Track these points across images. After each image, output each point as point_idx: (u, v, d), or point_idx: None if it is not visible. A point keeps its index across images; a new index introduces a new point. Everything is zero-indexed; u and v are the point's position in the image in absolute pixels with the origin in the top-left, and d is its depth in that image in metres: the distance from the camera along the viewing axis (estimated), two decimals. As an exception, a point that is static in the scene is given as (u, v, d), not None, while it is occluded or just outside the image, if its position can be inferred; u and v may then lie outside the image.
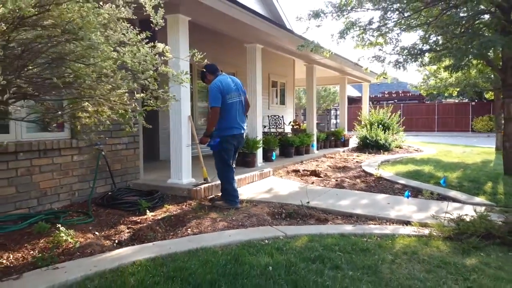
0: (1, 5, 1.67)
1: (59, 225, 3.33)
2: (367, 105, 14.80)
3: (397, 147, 12.25)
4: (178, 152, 5.14)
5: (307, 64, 9.89)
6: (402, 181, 6.33)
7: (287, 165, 7.74)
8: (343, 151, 10.98)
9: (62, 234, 3.14)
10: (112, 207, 4.40)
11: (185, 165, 5.15)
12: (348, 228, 3.88)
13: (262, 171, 6.56)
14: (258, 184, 6.06)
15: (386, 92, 34.42)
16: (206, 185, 5.10)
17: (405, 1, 5.95)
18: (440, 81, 12.41)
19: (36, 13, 1.76)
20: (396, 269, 2.82)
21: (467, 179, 6.50)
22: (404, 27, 7.32)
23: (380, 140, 11.46)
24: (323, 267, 2.78)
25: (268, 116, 11.43)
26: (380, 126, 12.36)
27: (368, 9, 6.35)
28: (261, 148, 7.30)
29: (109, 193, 4.74)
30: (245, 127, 4.72)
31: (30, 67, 2.26)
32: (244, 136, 4.86)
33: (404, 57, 6.87)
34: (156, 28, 2.34)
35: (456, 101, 28.95)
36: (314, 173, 6.94)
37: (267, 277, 2.57)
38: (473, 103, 26.50)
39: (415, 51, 6.21)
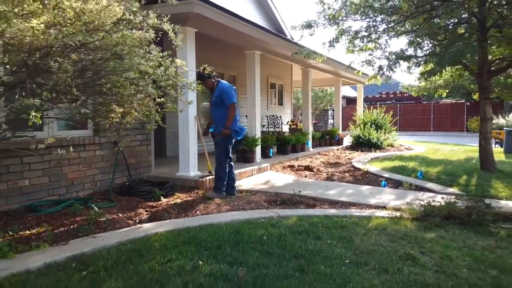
0: (71, 36, 2.34)
1: (92, 206, 4.01)
2: (362, 106, 15.49)
3: (389, 146, 12.92)
4: (186, 148, 5.82)
5: (303, 68, 10.58)
6: (387, 174, 7.02)
7: (283, 161, 8.43)
8: (337, 149, 11.67)
9: (97, 211, 3.82)
10: (130, 195, 5.10)
11: (192, 159, 5.84)
12: (332, 211, 4.57)
13: (260, 166, 7.25)
14: (256, 177, 6.75)
15: (384, 93, 35.07)
16: (210, 177, 5.79)
17: (388, 13, 6.62)
18: (430, 83, 13.09)
19: (94, 40, 2.44)
20: (366, 239, 3.50)
21: (446, 173, 7.19)
22: (392, 33, 8.00)
23: (373, 138, 12.14)
24: (307, 237, 3.46)
25: (266, 116, 12.10)
26: (373, 125, 13.06)
27: (356, 19, 7.03)
28: (260, 145, 7.98)
29: (127, 183, 5.44)
30: None
31: (79, 80, 2.95)
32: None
33: (388, 62, 7.55)
34: (176, 49, 3.01)
35: (453, 101, 29.58)
36: (308, 168, 7.63)
37: (262, 243, 3.25)
38: (468, 103, 27.12)
39: (396, 57, 6.88)
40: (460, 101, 28.43)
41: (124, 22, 2.58)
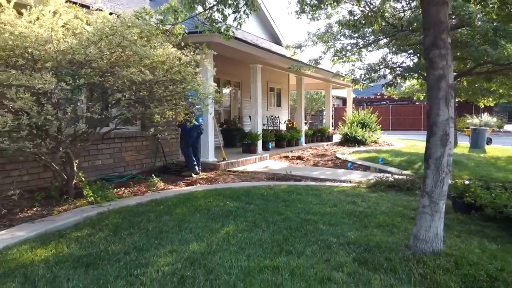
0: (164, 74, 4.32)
1: (148, 178, 6.00)
2: (351, 107, 17.49)
3: (373, 142, 14.88)
4: (206, 140, 7.80)
5: (297, 76, 12.56)
6: (360, 162, 9.01)
7: (280, 152, 10.42)
8: (327, 145, 13.66)
9: (155, 180, 5.82)
10: (168, 173, 7.08)
11: (211, 148, 7.83)
12: (312, 183, 6.55)
13: (261, 156, 9.24)
14: (258, 164, 8.74)
15: (378, 94, 37.01)
16: (224, 162, 7.78)
17: (360, 37, 8.60)
18: (409, 87, 15.10)
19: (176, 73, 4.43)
20: (330, 195, 5.48)
21: (407, 161, 9.17)
22: (370, 49, 10.01)
23: (358, 136, 14.11)
24: (292, 193, 5.45)
25: (266, 116, 14.07)
26: (359, 124, 15.03)
27: (336, 41, 9.02)
28: (261, 140, 9.97)
29: (163, 165, 7.42)
30: None
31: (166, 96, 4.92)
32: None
33: (366, 72, 9.56)
34: (201, 66, 5.00)
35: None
36: (299, 158, 9.61)
37: (263, 195, 5.24)
38: (457, 104, 28.98)
39: (367, 71, 8.88)
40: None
41: (186, 63, 4.56)
